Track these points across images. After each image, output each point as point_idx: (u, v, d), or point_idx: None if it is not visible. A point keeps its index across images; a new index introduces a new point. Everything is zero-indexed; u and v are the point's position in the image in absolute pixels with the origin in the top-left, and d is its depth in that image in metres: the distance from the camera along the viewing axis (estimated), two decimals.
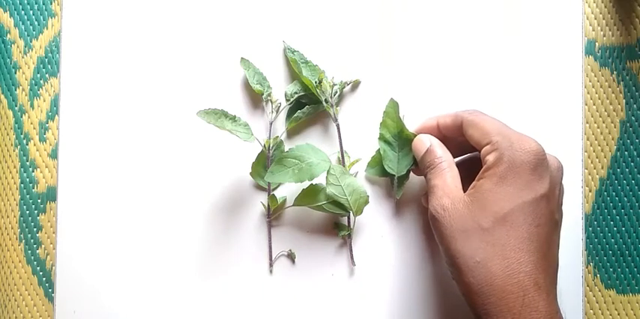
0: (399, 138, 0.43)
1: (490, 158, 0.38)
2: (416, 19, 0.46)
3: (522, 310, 0.35)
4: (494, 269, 0.36)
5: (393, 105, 0.43)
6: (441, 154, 0.41)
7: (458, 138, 0.41)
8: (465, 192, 0.38)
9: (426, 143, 0.41)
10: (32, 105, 0.48)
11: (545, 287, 0.36)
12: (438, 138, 0.42)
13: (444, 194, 0.38)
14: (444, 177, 0.39)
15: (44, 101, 0.48)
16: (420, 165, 0.42)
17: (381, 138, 0.44)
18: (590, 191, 0.46)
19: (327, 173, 0.43)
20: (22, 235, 0.47)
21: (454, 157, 0.41)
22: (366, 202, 0.44)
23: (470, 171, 0.40)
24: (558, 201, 0.39)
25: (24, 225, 0.47)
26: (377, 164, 0.45)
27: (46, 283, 0.47)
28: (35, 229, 0.47)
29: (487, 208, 0.36)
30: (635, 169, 0.46)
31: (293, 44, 0.46)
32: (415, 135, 0.42)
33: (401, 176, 0.44)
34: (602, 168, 0.47)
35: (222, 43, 0.47)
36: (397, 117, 0.43)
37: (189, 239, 0.46)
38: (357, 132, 0.46)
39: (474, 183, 0.38)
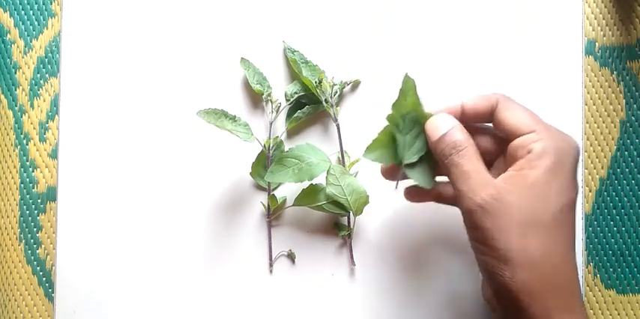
0: (414, 121, 0.38)
1: (536, 147, 0.35)
2: (416, 19, 0.46)
3: (574, 305, 0.34)
4: (556, 264, 0.34)
5: (410, 81, 0.37)
6: (467, 136, 0.36)
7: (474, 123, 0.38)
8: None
9: (448, 123, 0.37)
10: (32, 105, 0.48)
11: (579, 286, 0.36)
12: (467, 120, 0.38)
13: (486, 183, 0.35)
14: (476, 163, 0.35)
15: (44, 101, 0.48)
16: (437, 149, 0.37)
17: (391, 119, 0.38)
18: (590, 191, 0.46)
19: (327, 173, 0.43)
20: (22, 235, 0.47)
21: None
22: (366, 202, 0.44)
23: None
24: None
25: (24, 225, 0.47)
26: (380, 147, 0.39)
27: (46, 283, 0.47)
28: (35, 229, 0.47)
29: (544, 202, 0.34)
30: (635, 169, 0.46)
31: (293, 44, 0.46)
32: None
33: (409, 164, 0.38)
34: (602, 168, 0.47)
35: (222, 43, 0.47)
36: (415, 95, 0.37)
37: (190, 239, 0.46)
38: (357, 132, 0.46)
39: (512, 172, 0.35)
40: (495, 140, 0.39)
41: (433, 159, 0.38)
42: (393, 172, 0.40)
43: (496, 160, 0.39)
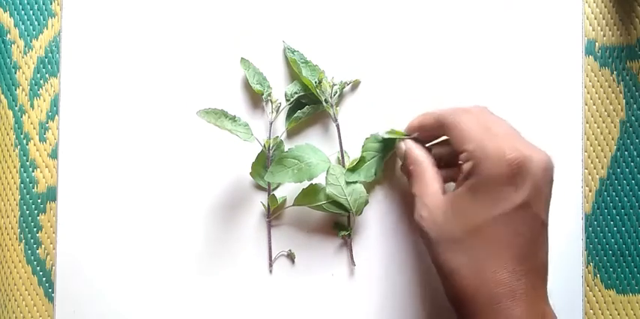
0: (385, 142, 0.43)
1: (465, 167, 0.37)
2: (416, 19, 0.46)
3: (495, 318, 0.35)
4: (465, 278, 0.36)
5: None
6: (415, 157, 0.40)
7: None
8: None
9: (402, 148, 0.41)
10: (32, 105, 0.48)
11: (525, 294, 0.35)
12: (426, 138, 0.41)
13: (423, 204, 0.38)
14: (420, 184, 0.39)
15: (44, 101, 0.48)
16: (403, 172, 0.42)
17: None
18: (590, 191, 0.46)
19: (327, 173, 0.43)
20: (22, 235, 0.47)
21: (447, 156, 0.41)
22: (366, 202, 0.44)
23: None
24: (545, 202, 0.37)
25: (24, 225, 0.47)
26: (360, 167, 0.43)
27: (46, 283, 0.47)
28: (35, 229, 0.47)
29: (459, 220, 0.36)
30: (635, 169, 0.46)
31: (293, 44, 0.46)
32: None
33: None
34: (602, 168, 0.47)
35: (222, 43, 0.47)
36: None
37: (189, 238, 0.46)
38: (357, 132, 0.46)
39: (454, 188, 0.38)
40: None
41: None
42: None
43: None
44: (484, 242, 0.36)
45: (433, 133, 0.41)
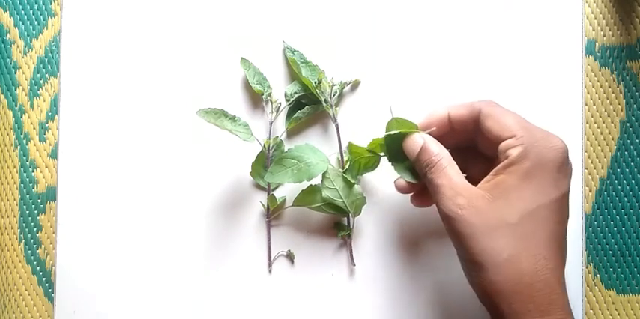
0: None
1: (513, 152, 0.36)
2: (415, 19, 0.46)
3: (550, 308, 0.35)
4: (524, 265, 0.35)
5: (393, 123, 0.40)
6: (438, 150, 0.39)
7: (466, 130, 0.40)
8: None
9: (419, 141, 0.39)
10: (32, 105, 0.48)
11: (565, 285, 0.36)
12: (446, 131, 0.40)
13: (456, 193, 0.37)
14: (448, 175, 0.37)
15: (44, 101, 0.48)
16: (416, 166, 0.40)
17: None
18: (590, 191, 0.46)
19: (323, 177, 0.43)
20: (22, 235, 0.47)
21: (460, 149, 0.40)
22: (363, 203, 0.44)
23: (463, 163, 0.39)
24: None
25: (24, 225, 0.47)
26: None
27: (46, 283, 0.47)
28: (35, 229, 0.47)
29: (513, 204, 0.35)
30: (635, 169, 0.46)
31: (293, 44, 0.46)
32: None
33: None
34: (602, 168, 0.47)
35: (222, 43, 0.47)
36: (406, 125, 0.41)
37: (189, 238, 0.46)
38: (357, 132, 0.46)
39: (490, 177, 0.37)
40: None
41: None
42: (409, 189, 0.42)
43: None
44: (539, 226, 0.35)
45: (460, 125, 0.40)
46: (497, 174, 0.36)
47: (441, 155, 0.38)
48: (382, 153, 0.42)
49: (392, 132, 0.40)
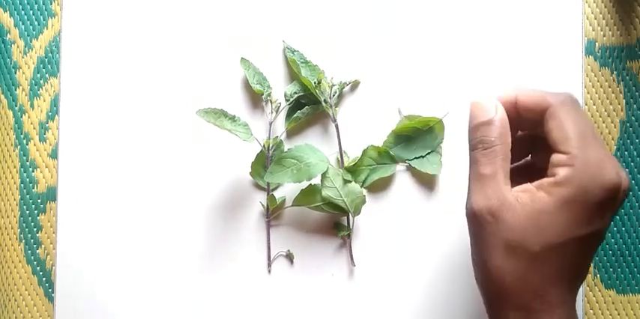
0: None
1: (560, 172, 0.32)
2: (415, 19, 0.46)
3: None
4: (529, 287, 0.33)
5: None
6: (503, 133, 0.34)
7: (534, 120, 0.35)
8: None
9: (491, 112, 0.34)
10: (32, 105, 0.48)
11: (572, 301, 0.34)
12: (512, 116, 0.35)
13: (494, 194, 0.33)
14: (496, 167, 0.33)
15: (44, 101, 0.48)
16: (469, 135, 0.35)
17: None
18: None
19: (322, 176, 0.43)
20: (22, 235, 0.47)
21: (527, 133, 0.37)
22: (363, 202, 0.44)
23: (529, 147, 0.37)
24: (612, 220, 0.35)
25: (24, 225, 0.47)
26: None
27: (46, 283, 0.47)
28: (35, 229, 0.47)
29: (540, 232, 0.32)
30: (635, 169, 0.46)
31: (293, 44, 0.46)
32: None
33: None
34: None
35: (222, 43, 0.47)
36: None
37: (189, 238, 0.46)
38: (356, 132, 0.46)
39: (531, 187, 0.33)
40: None
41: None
42: None
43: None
44: (558, 260, 0.33)
45: (526, 114, 0.35)
46: (538, 188, 0.33)
47: (502, 140, 0.34)
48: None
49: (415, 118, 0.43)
